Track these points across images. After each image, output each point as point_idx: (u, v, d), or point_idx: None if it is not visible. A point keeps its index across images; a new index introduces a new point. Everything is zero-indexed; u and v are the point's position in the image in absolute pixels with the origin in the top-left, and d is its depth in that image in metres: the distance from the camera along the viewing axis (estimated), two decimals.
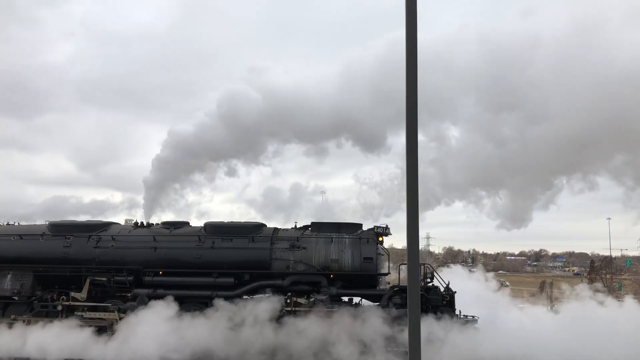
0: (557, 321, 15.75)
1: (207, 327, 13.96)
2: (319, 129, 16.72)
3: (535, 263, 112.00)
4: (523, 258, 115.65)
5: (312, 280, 15.10)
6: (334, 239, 15.49)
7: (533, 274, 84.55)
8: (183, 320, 14.17)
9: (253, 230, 15.89)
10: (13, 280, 15.53)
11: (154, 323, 14.03)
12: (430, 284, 15.25)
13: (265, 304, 14.18)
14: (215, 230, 15.96)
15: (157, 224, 16.76)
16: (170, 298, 14.61)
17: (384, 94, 15.49)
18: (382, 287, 15.63)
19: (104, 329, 14.67)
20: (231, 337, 13.83)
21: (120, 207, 18.53)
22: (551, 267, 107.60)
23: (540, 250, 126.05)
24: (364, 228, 16.21)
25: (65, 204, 18.34)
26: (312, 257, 15.31)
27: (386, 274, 15.75)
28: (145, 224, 16.75)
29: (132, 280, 15.37)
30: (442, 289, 15.17)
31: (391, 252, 16.82)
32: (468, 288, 16.85)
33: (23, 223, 17.28)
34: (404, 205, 4.09)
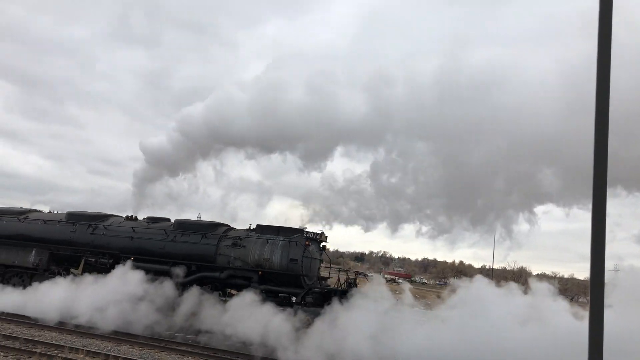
0: None
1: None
2: None
3: None
4: None
5: (245, 275, 17.11)
6: (269, 241, 17.31)
7: None
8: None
9: (208, 228, 18.32)
10: (35, 255, 19.92)
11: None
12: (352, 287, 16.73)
13: None
14: (179, 226, 18.71)
15: (143, 218, 20.09)
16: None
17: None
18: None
19: None
20: None
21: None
22: None
23: None
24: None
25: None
26: (249, 255, 17.28)
27: (305, 275, 17.22)
28: (133, 217, 20.20)
29: (112, 262, 18.75)
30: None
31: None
32: None
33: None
34: None
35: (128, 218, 20.21)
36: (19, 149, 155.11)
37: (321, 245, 18.08)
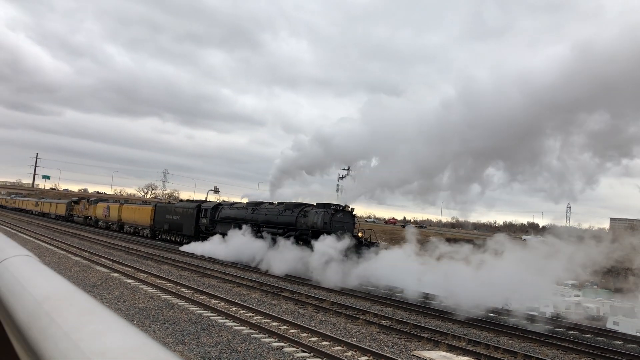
0: None
1: None
2: None
3: None
4: None
5: (306, 233, 28.94)
6: (317, 211, 29.19)
7: None
8: None
9: (295, 206, 31.15)
10: (232, 227, 34.44)
11: None
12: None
13: None
14: (285, 206, 31.92)
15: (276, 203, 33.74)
16: None
17: None
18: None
19: None
20: None
21: None
22: None
23: None
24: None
25: None
26: (308, 221, 29.46)
27: (332, 232, 27.52)
28: (274, 202, 34.01)
29: (258, 229, 32.56)
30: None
31: None
32: None
33: None
34: None
35: (270, 203, 34.29)
36: None
37: (352, 214, 29.68)
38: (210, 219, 38.39)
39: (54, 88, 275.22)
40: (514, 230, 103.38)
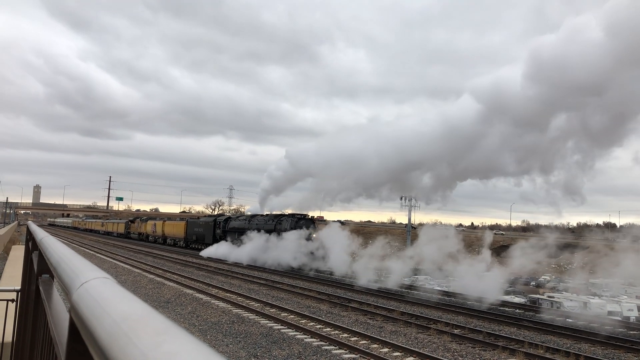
0: None
1: None
2: None
3: None
4: None
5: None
6: (287, 220, 38.78)
7: None
8: None
9: (276, 216, 40.38)
10: (237, 235, 45.51)
11: None
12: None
13: None
14: (269, 217, 41.56)
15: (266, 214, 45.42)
16: None
17: None
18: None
19: None
20: None
21: None
22: None
23: None
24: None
25: None
26: (282, 227, 38.29)
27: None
28: (265, 213, 45.41)
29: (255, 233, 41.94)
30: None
31: None
32: None
33: None
34: None
35: (261, 215, 43.92)
36: None
37: (312, 220, 40.03)
38: (222, 229, 46.19)
39: (124, 113, 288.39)
40: (589, 231, 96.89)
